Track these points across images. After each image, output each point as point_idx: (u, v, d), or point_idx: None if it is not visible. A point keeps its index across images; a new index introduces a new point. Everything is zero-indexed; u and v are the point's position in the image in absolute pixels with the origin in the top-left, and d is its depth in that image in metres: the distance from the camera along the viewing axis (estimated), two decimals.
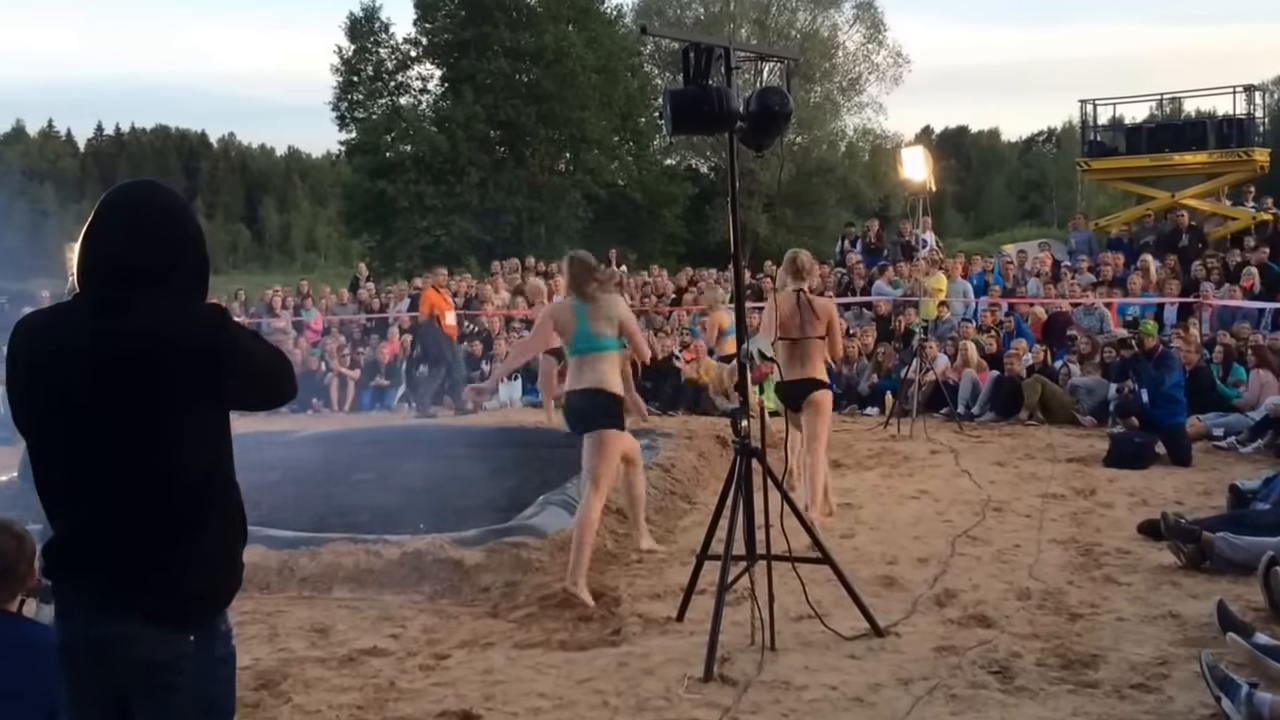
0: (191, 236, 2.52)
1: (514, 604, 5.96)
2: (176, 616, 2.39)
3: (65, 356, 2.37)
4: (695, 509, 8.38)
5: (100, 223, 2.46)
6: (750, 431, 4.95)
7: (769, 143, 4.80)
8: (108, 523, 2.37)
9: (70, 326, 2.40)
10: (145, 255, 2.42)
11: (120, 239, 2.43)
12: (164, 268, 2.43)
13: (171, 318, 2.39)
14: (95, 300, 2.40)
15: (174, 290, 2.44)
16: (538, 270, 20.85)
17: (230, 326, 2.45)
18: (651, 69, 41.58)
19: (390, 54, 39.01)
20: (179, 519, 2.40)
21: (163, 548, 2.39)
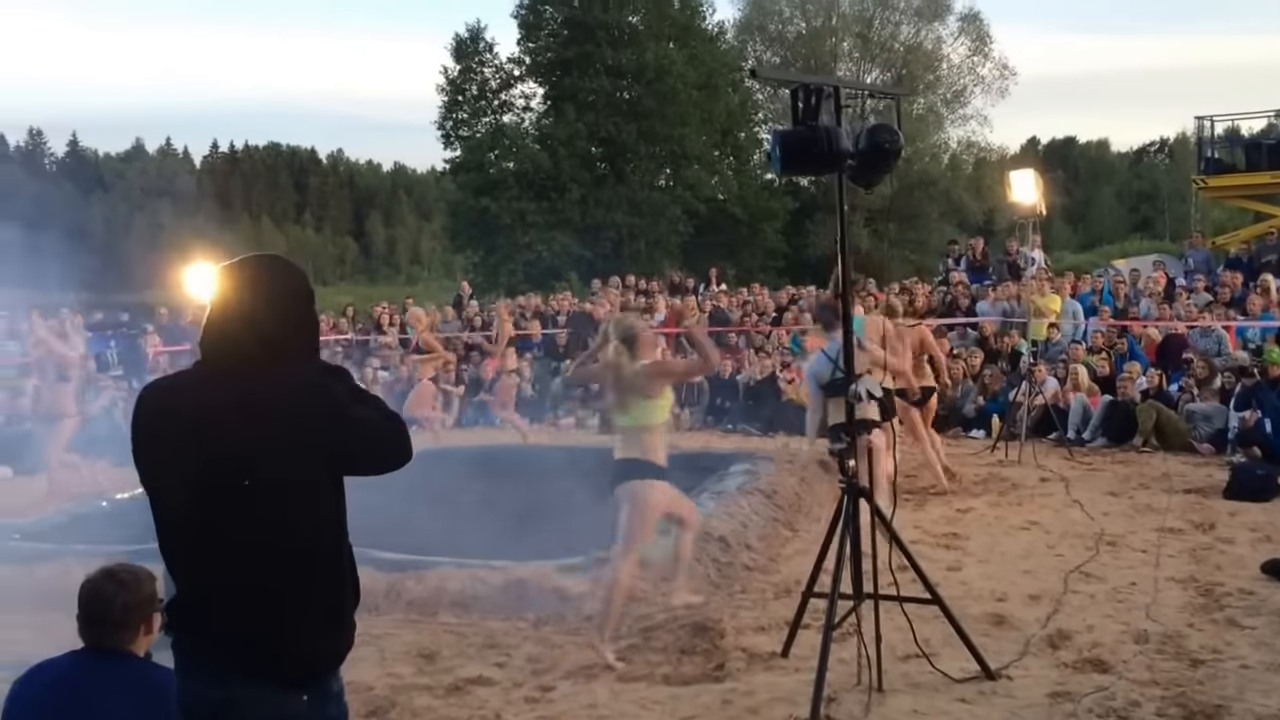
0: (306, 308, 2.62)
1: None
2: (291, 677, 2.48)
3: (183, 424, 2.47)
4: (798, 536, 8.30)
5: (221, 294, 2.56)
6: (858, 470, 4.90)
7: (878, 180, 4.75)
8: (225, 586, 2.46)
9: (189, 394, 2.52)
10: (263, 327, 2.52)
11: (240, 311, 2.52)
12: (280, 339, 2.53)
13: (286, 387, 2.49)
14: (214, 369, 2.52)
15: (289, 359, 2.54)
16: (638, 288, 20.89)
17: (343, 395, 2.54)
18: (752, 84, 41.51)
19: (494, 73, 39.61)
20: (292, 583, 2.47)
21: (277, 611, 2.47)
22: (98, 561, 6.69)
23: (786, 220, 39.94)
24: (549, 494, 9.00)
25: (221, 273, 2.59)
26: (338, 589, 2.57)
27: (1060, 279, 16.16)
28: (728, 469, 10.06)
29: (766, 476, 9.72)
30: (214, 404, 2.45)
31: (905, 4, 42.01)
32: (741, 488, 9.17)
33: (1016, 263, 16.73)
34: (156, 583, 3.14)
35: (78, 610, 3.04)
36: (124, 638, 3.00)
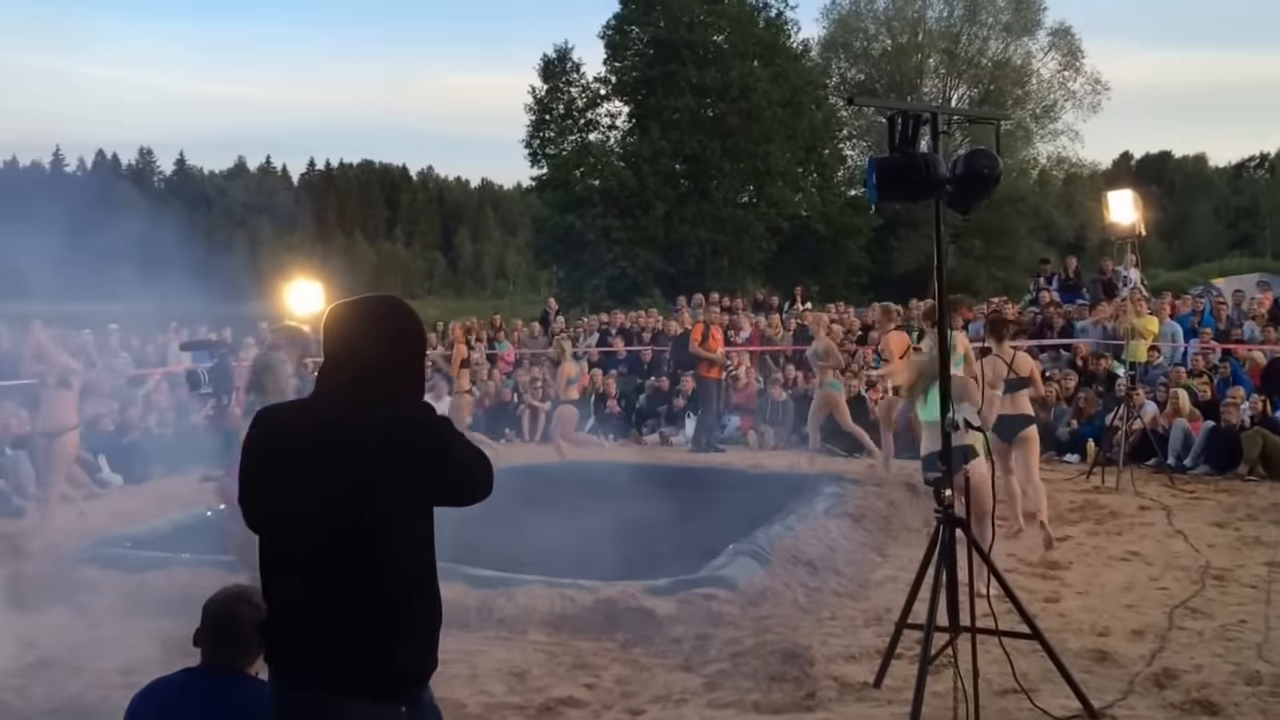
0: (419, 349, 2.75)
1: (705, 658, 5.93)
2: (390, 691, 2.60)
3: (298, 451, 2.61)
4: (887, 561, 8.19)
5: (336, 328, 2.70)
6: (954, 500, 4.81)
7: (976, 205, 4.67)
8: (328, 604, 2.58)
9: (306, 423, 2.66)
10: (380, 365, 2.65)
11: (360, 349, 2.66)
12: (394, 377, 2.67)
13: (391, 420, 2.61)
14: (331, 401, 2.66)
15: (400, 396, 2.67)
16: (722, 305, 20.84)
17: (442, 431, 2.65)
18: (836, 101, 41.31)
19: (581, 92, 39.99)
20: (392, 602, 2.60)
21: (377, 628, 2.59)
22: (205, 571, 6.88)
23: (870, 237, 39.64)
24: (636, 512, 9.02)
25: (343, 309, 2.72)
26: (430, 607, 2.70)
27: (1159, 299, 15.75)
28: (814, 491, 9.99)
29: (854, 499, 9.63)
30: (330, 435, 2.59)
31: (994, 19, 41.54)
32: (829, 510, 9.10)
33: (1111, 282, 16.36)
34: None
35: (206, 627, 3.07)
36: (249, 659, 3.05)
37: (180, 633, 3.24)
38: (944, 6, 42.09)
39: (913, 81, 41.66)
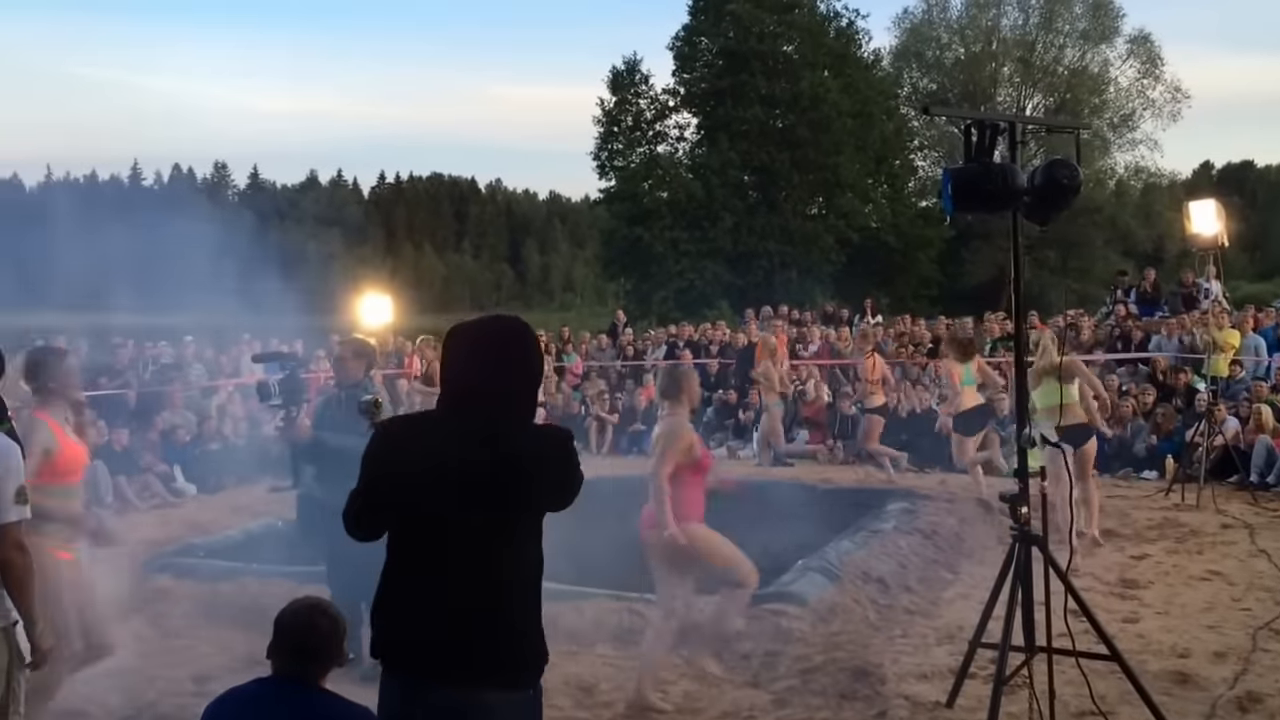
0: (540, 368, 2.94)
1: (775, 675, 5.89)
2: (525, 678, 2.85)
3: (434, 462, 2.78)
4: (959, 579, 8.07)
5: (472, 350, 2.88)
6: (1030, 518, 4.72)
7: (1055, 217, 4.59)
8: (468, 601, 2.77)
9: (439, 436, 2.83)
10: (510, 383, 2.85)
11: (490, 367, 2.83)
12: (520, 394, 2.88)
13: (528, 436, 2.86)
14: (461, 416, 2.83)
15: (523, 413, 2.88)
16: (790, 318, 20.73)
17: (574, 449, 2.91)
18: (908, 111, 40.96)
19: (649, 104, 40.05)
20: (521, 600, 2.84)
21: (509, 624, 2.81)
22: (275, 581, 6.96)
23: (942, 248, 39.21)
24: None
25: (470, 329, 2.89)
26: (539, 603, 2.91)
27: (1241, 312, 15.36)
28: (884, 506, 9.89)
29: (925, 515, 9.51)
30: (466, 447, 2.77)
31: (1070, 26, 40.91)
32: (899, 526, 9.00)
33: (1191, 294, 16.01)
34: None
35: (280, 638, 3.09)
36: (324, 671, 3.08)
37: (251, 642, 3.27)
38: (1019, 14, 41.57)
39: (986, 91, 41.15)
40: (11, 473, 3.63)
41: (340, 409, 6.12)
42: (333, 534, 5.98)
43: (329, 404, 6.32)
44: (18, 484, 3.63)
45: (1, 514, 3.58)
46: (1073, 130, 5.13)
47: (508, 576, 2.82)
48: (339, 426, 6.01)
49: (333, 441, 5.94)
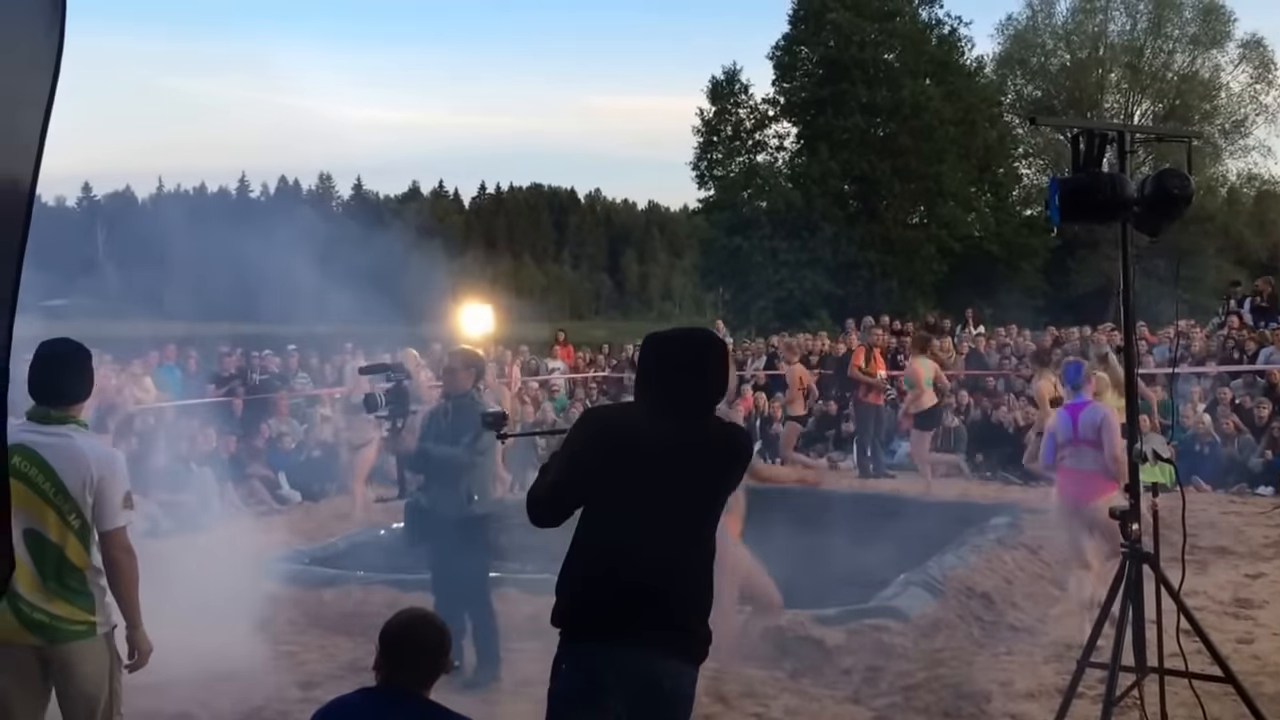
0: (727, 373, 3.32)
1: (876, 691, 5.84)
2: (697, 655, 3.13)
3: (646, 453, 3.06)
4: (1065, 596, 7.87)
5: (682, 355, 3.18)
6: (1141, 534, 4.60)
7: (1166, 227, 4.47)
8: (657, 574, 3.03)
9: (648, 428, 3.09)
10: (714, 386, 3.20)
11: (700, 372, 3.16)
12: (719, 396, 3.23)
13: (726, 434, 3.23)
14: (666, 412, 3.11)
15: (712, 408, 3.20)
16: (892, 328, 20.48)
17: (750, 446, 3.39)
18: (1011, 119, 40.23)
19: (749, 114, 39.96)
20: (702, 585, 3.13)
21: (696, 602, 3.11)
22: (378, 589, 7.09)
23: (1047, 257, 38.41)
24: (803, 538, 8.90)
25: (673, 339, 3.23)
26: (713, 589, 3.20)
27: None
28: (988, 521, 9.72)
29: (1030, 530, 9.33)
30: (677, 440, 3.08)
31: (1180, 31, 39.79)
32: (1004, 541, 8.85)
33: None
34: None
35: (388, 649, 3.10)
36: (430, 681, 3.10)
37: (355, 649, 3.34)
38: (1127, 19, 40.55)
39: (1093, 97, 40.23)
40: (119, 478, 3.78)
41: (446, 419, 6.20)
42: (439, 543, 6.13)
43: (436, 415, 6.39)
44: (125, 490, 3.79)
45: (111, 519, 3.73)
46: (1184, 139, 4.99)
47: (693, 555, 3.10)
48: (444, 437, 6.10)
49: (438, 452, 6.04)
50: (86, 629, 3.73)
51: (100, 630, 3.78)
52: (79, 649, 3.72)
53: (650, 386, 3.17)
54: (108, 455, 3.85)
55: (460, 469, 6.01)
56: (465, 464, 6.02)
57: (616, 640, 3.01)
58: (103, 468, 3.71)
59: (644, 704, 3.04)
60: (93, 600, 3.76)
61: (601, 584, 3.05)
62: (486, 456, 6.18)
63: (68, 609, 3.68)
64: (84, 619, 3.73)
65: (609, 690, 3.00)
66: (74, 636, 3.71)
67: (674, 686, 3.05)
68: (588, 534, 3.11)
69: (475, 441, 6.01)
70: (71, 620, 3.69)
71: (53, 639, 3.67)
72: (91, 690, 3.74)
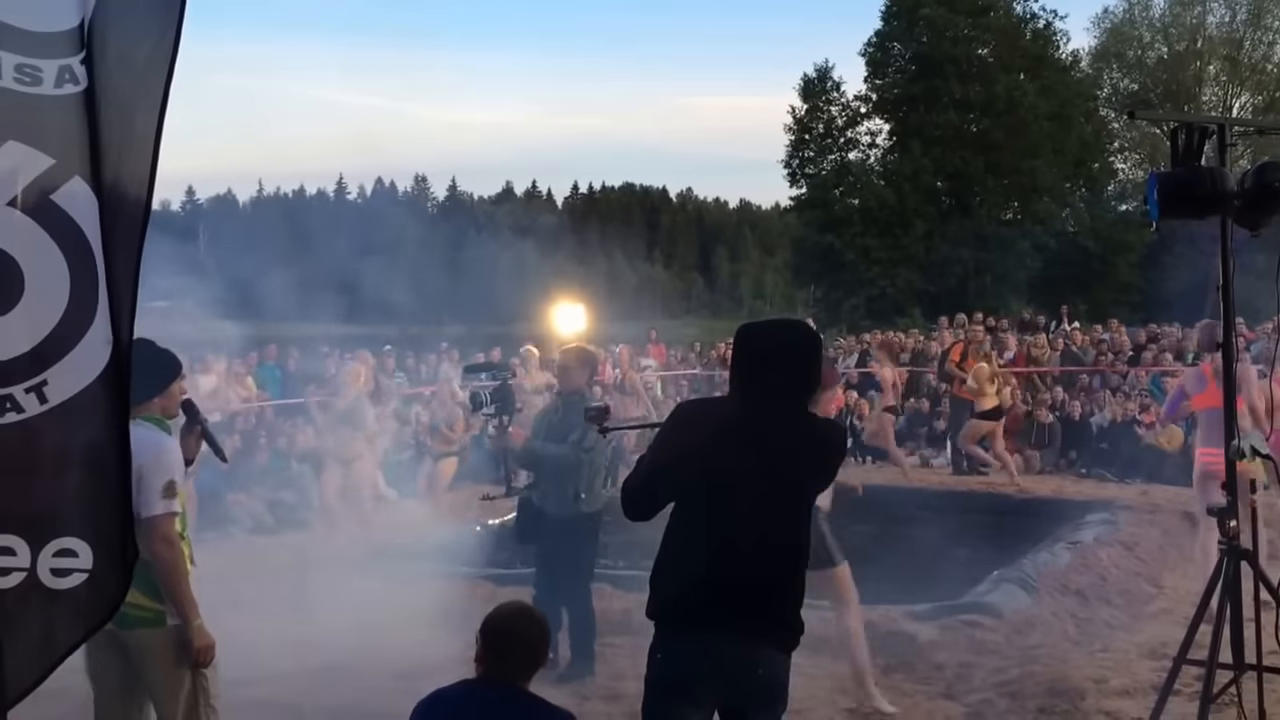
0: (821, 366, 3.28)
1: (969, 687, 5.84)
2: (789, 643, 3.18)
3: (741, 440, 3.09)
4: (1162, 594, 7.81)
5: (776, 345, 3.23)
6: (1239, 531, 4.57)
7: (1268, 221, 4.42)
8: (751, 566, 3.08)
9: (741, 416, 3.13)
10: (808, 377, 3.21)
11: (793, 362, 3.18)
12: (814, 386, 3.25)
13: (818, 421, 3.29)
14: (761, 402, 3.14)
15: (807, 401, 3.24)
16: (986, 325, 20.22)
17: (845, 441, 3.50)
18: (1107, 113, 39.39)
19: (841, 111, 39.74)
20: (794, 569, 3.17)
21: (786, 589, 3.15)
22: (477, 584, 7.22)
23: (1144, 253, 37.54)
24: (896, 535, 8.92)
25: (768, 331, 3.31)
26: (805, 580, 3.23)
27: None
28: (1083, 518, 9.63)
29: (1126, 527, 9.23)
30: (769, 431, 3.11)
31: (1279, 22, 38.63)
32: (1099, 538, 8.77)
33: None
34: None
35: (489, 643, 3.13)
36: (530, 674, 3.13)
37: (453, 642, 3.40)
38: (1225, 11, 39.53)
39: (1190, 90, 39.24)
40: (162, 466, 3.67)
41: (556, 416, 6.26)
42: (544, 539, 6.22)
43: (548, 412, 6.45)
44: (167, 478, 3.66)
45: (148, 507, 3.58)
46: None
47: (785, 546, 3.13)
48: (555, 434, 6.15)
49: (547, 449, 6.10)
50: (154, 616, 3.70)
51: (170, 620, 3.72)
52: (148, 636, 3.71)
53: (742, 377, 3.20)
54: (152, 442, 3.69)
55: (568, 467, 6.06)
56: (573, 462, 6.06)
57: (712, 630, 3.06)
58: (143, 455, 3.50)
59: (738, 692, 3.10)
60: (158, 589, 3.70)
61: (695, 576, 3.09)
62: (594, 454, 6.17)
63: (134, 595, 3.44)
64: (151, 606, 3.69)
65: (704, 679, 3.07)
66: (141, 623, 3.67)
67: (768, 674, 3.10)
68: (680, 526, 3.16)
69: (583, 439, 6.01)
70: (138, 606, 3.60)
71: (122, 625, 3.54)
72: (166, 680, 3.72)
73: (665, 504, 3.19)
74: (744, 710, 3.13)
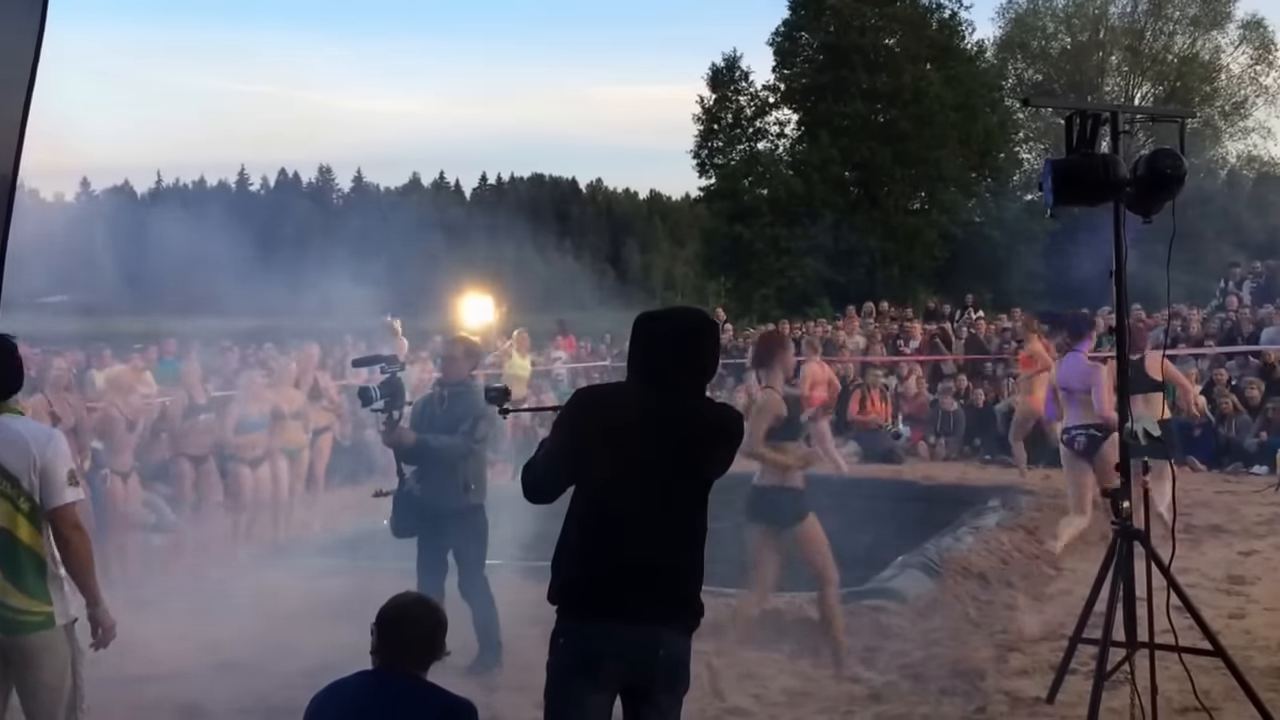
0: (718, 354, 3.36)
1: (874, 670, 5.90)
2: (689, 625, 3.23)
3: (640, 427, 3.13)
4: (1061, 575, 7.97)
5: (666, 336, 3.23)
6: (1131, 512, 4.67)
7: (1159, 208, 4.52)
8: (652, 549, 3.13)
9: (640, 405, 3.17)
10: (706, 365, 3.27)
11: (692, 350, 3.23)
12: (709, 375, 3.29)
13: (716, 407, 3.32)
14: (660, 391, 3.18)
15: (702, 387, 3.27)
16: (891, 315, 20.51)
17: (743, 427, 3.40)
18: (1012, 103, 40.18)
19: (749, 101, 39.85)
20: (693, 552, 3.22)
21: (686, 573, 3.20)
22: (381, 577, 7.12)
23: (1047, 242, 38.37)
24: None
25: (666, 319, 3.29)
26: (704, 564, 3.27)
27: None
28: (986, 503, 9.80)
29: (1028, 511, 9.42)
30: (667, 414, 3.16)
31: (1180, 13, 39.68)
32: (1001, 523, 8.94)
33: None
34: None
35: (385, 632, 3.13)
36: (426, 664, 3.12)
37: (358, 636, 3.37)
38: (1127, 1, 40.43)
39: (1093, 80, 40.16)
40: (62, 457, 3.77)
41: (442, 407, 6.21)
42: (426, 531, 6.14)
43: (430, 402, 6.39)
44: (68, 467, 3.78)
45: (58, 496, 3.70)
46: (1177, 119, 5.02)
47: (684, 531, 3.18)
48: (438, 425, 6.10)
49: (434, 442, 6.03)
50: (44, 619, 3.69)
51: (59, 621, 3.73)
52: (38, 640, 3.69)
53: (641, 364, 3.24)
54: (46, 434, 3.84)
55: (458, 458, 6.03)
56: (463, 452, 6.04)
57: (612, 614, 3.11)
58: (43, 447, 3.69)
59: (641, 674, 3.15)
60: (49, 590, 3.71)
61: (595, 559, 3.14)
62: (484, 445, 6.20)
63: (23, 600, 3.63)
64: (41, 609, 3.68)
65: (606, 662, 3.11)
66: (32, 628, 3.67)
67: (669, 655, 3.16)
68: (580, 511, 3.20)
69: (473, 430, 6.04)
70: (28, 611, 3.64)
71: (9, 631, 3.62)
72: (53, 682, 3.71)
73: (565, 488, 3.22)
74: (646, 692, 3.18)
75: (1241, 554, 8.31)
